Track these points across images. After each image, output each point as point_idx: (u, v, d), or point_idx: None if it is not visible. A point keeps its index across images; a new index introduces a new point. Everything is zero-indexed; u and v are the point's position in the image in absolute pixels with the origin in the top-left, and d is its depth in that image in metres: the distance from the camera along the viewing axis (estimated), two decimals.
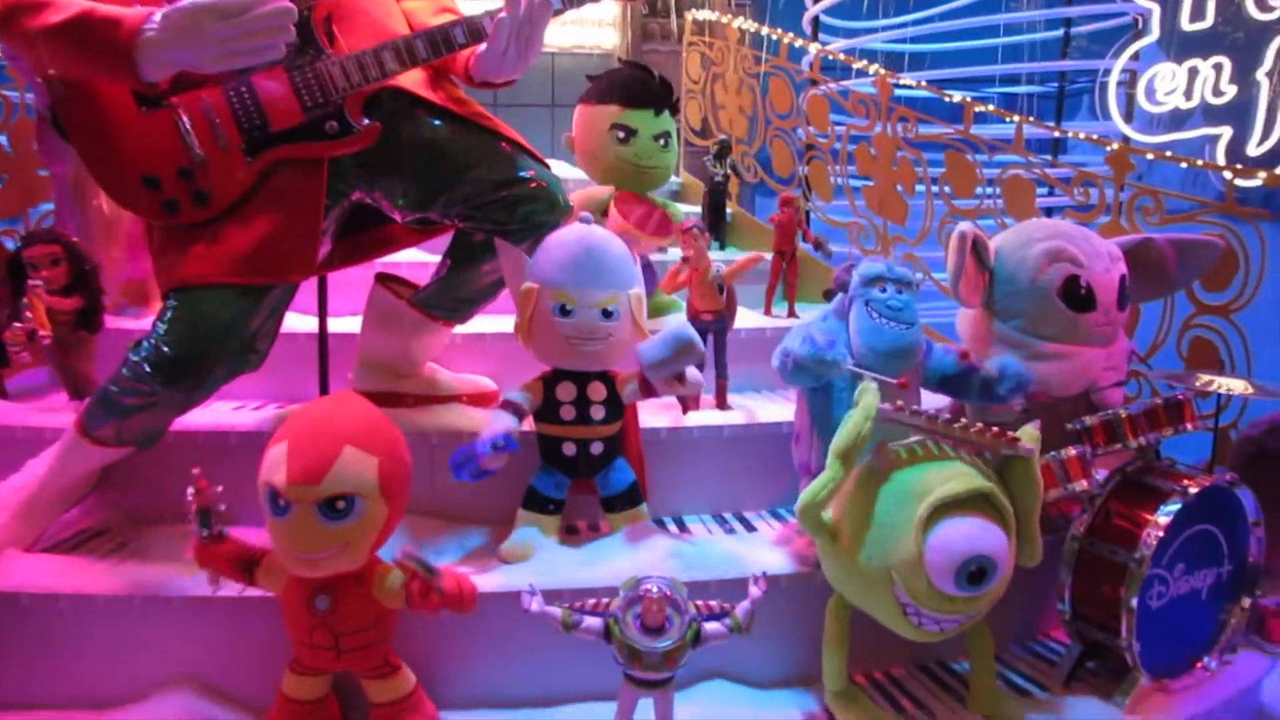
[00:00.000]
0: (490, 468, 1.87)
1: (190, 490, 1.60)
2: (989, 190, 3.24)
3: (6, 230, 3.19)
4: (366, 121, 1.86)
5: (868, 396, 1.71)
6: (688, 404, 2.35)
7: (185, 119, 1.76)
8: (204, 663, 1.87)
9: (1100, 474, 2.02)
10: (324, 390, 2.38)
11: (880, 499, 1.72)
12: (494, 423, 1.93)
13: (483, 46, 1.90)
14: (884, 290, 1.98)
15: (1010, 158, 3.20)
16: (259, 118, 1.79)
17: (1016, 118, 3.33)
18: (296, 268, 1.86)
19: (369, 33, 1.88)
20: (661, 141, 2.74)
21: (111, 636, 1.85)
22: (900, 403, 1.74)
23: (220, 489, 1.62)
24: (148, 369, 1.74)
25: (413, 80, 1.95)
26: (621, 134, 2.69)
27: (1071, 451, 1.96)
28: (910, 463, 1.75)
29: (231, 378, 1.84)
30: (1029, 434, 1.75)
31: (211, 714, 1.81)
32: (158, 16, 1.57)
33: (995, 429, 1.73)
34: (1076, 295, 2.16)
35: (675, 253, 2.76)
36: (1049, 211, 3.69)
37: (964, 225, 2.17)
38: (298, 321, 2.39)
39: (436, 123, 1.98)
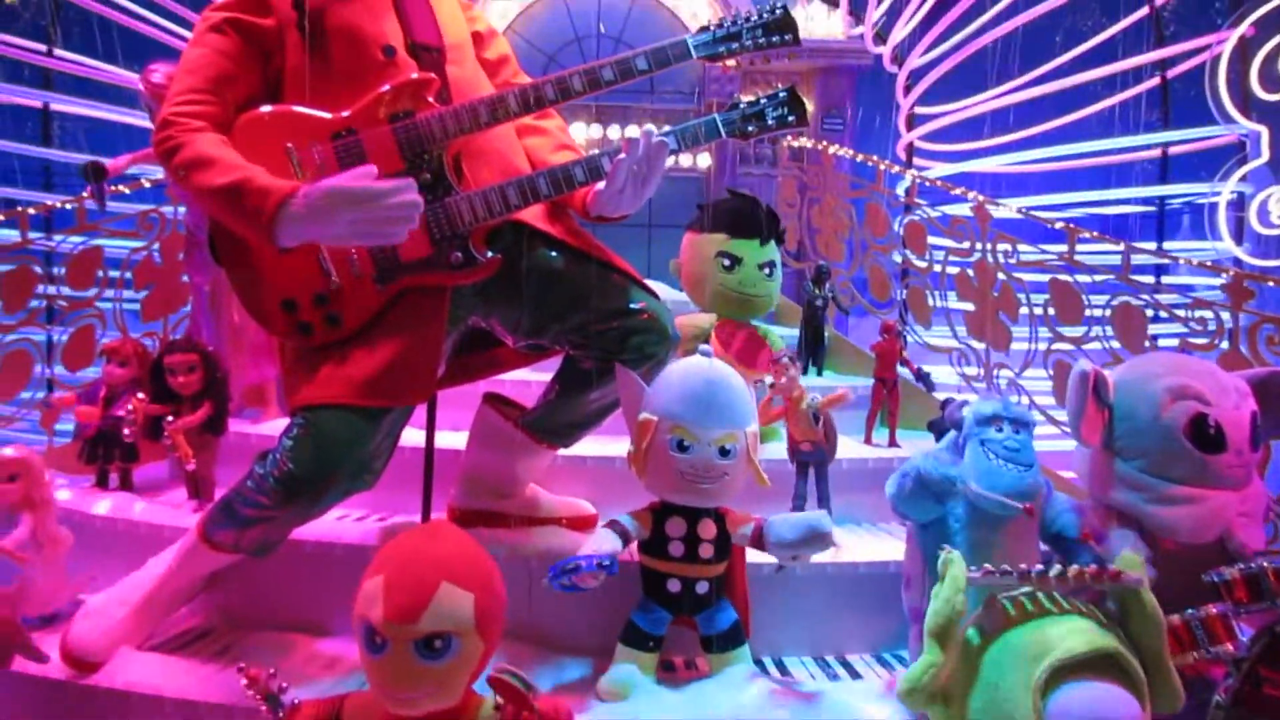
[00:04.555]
0: (585, 584, 1.84)
1: (244, 685, 1.59)
2: (1094, 312, 3.18)
3: (148, 333, 3.41)
4: (490, 254, 1.93)
5: (954, 567, 1.62)
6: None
7: (325, 249, 1.86)
8: None
9: (1244, 632, 1.88)
10: (427, 505, 2.41)
11: (989, 660, 1.62)
12: (599, 541, 1.91)
13: (601, 184, 1.97)
14: (1000, 430, 1.93)
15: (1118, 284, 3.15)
16: (391, 249, 1.87)
17: (1122, 243, 3.28)
18: (416, 391, 1.92)
19: (495, 169, 1.97)
20: (766, 270, 2.78)
21: None
22: (987, 566, 1.66)
23: (272, 671, 1.61)
24: (271, 483, 1.81)
25: (532, 213, 2.03)
26: (727, 262, 2.74)
27: (1212, 610, 1.82)
28: (1022, 619, 1.65)
29: (347, 496, 1.89)
30: (1128, 561, 1.66)
31: None
32: (300, 194, 1.70)
33: (1094, 568, 1.65)
34: (1205, 435, 2.05)
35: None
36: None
37: (1084, 363, 2.11)
38: (404, 435, 2.44)
39: (554, 254, 2.04)
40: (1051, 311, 3.35)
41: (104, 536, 2.44)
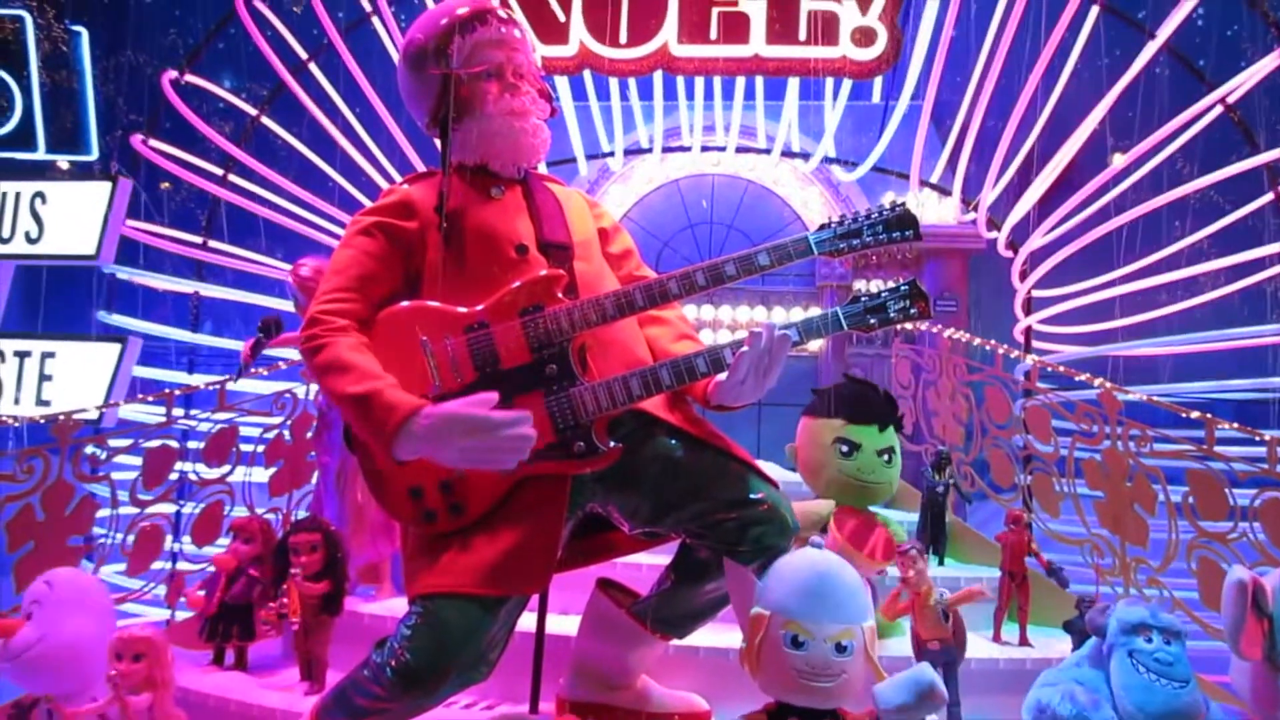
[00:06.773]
0: None
1: None
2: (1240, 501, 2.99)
3: (272, 508, 3.53)
4: (611, 444, 1.95)
5: None
6: None
7: None
8: None
9: None
10: (535, 694, 2.35)
11: None
12: None
13: (722, 375, 1.98)
14: (1149, 640, 1.79)
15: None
16: None
17: (1267, 435, 3.12)
18: (535, 580, 1.91)
19: (618, 360, 2.02)
20: (885, 456, 2.73)
21: None
22: None
23: None
24: (388, 673, 1.80)
25: (653, 401, 2.05)
26: (845, 448, 2.70)
27: None
28: None
29: (461, 689, 1.86)
30: None
31: None
32: (423, 415, 1.77)
33: None
34: None
35: (895, 572, 2.65)
36: None
37: (1240, 571, 1.96)
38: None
39: (673, 442, 2.05)
40: (1191, 500, 3.15)
41: (218, 717, 2.45)
